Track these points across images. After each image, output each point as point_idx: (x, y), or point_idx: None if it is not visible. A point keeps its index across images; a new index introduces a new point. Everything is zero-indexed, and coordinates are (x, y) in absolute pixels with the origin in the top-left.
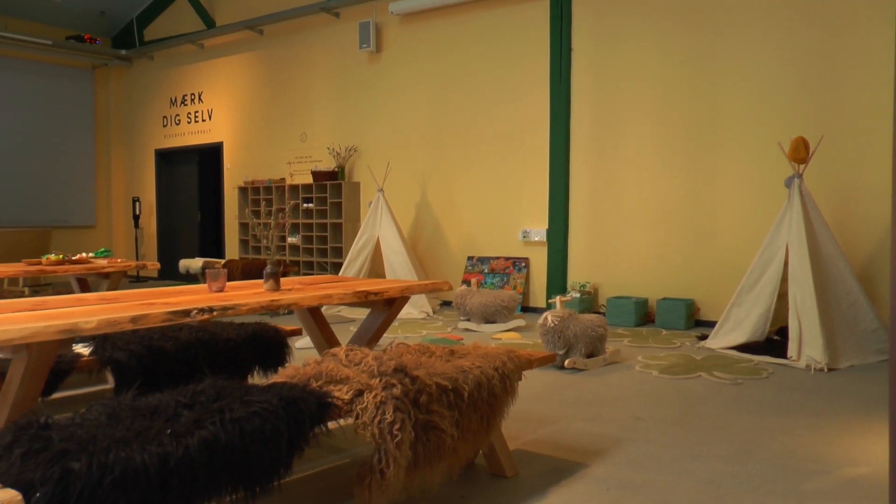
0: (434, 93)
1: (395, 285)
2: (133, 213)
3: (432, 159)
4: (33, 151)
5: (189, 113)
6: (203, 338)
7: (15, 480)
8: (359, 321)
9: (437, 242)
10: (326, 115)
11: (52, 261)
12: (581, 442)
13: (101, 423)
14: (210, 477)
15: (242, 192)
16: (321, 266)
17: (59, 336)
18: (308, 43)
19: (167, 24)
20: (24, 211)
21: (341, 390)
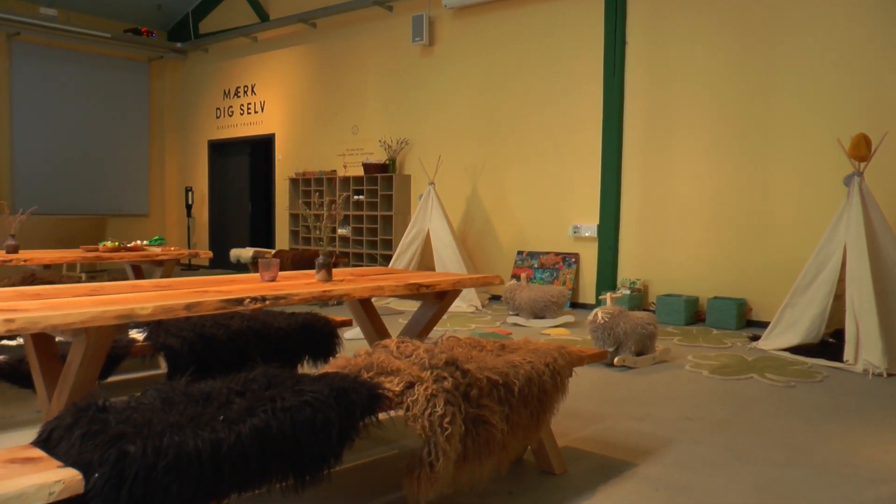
0: (486, 86)
1: (447, 278)
2: (185, 202)
3: (483, 153)
4: (91, 142)
5: (242, 105)
6: (254, 326)
7: (75, 460)
8: (408, 313)
9: (486, 236)
10: (378, 108)
11: (109, 248)
12: (630, 441)
13: (156, 407)
14: (261, 464)
15: (293, 183)
16: (371, 258)
17: (116, 321)
18: (361, 36)
19: (222, 18)
20: (82, 199)
21: (392, 382)
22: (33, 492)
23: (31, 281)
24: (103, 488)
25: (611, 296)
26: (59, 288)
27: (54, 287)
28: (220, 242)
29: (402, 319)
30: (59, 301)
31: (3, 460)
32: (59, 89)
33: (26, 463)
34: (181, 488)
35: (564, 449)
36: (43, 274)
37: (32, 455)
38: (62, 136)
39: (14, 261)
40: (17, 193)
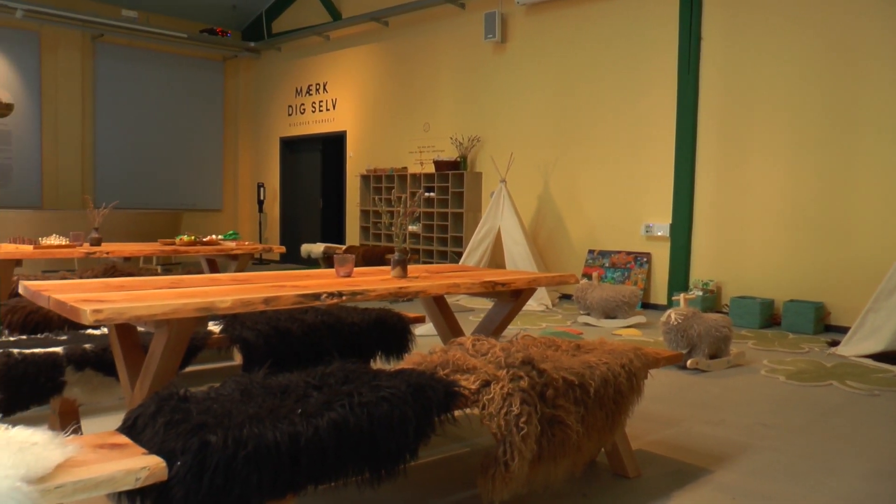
0: (559, 83)
1: (522, 277)
2: (257, 198)
3: (555, 151)
4: (167, 139)
5: (314, 102)
6: (328, 321)
7: (159, 448)
8: (478, 311)
9: (557, 235)
10: (450, 106)
11: (185, 242)
12: (705, 446)
13: (235, 399)
14: (338, 458)
15: (364, 180)
16: (441, 255)
17: (196, 314)
18: (433, 34)
19: (295, 17)
20: (158, 194)
21: (468, 380)
22: (121, 477)
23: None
24: (186, 476)
25: (684, 297)
26: (142, 280)
27: (137, 279)
28: (291, 238)
29: (472, 317)
30: (142, 293)
31: (92, 445)
32: (138, 88)
33: (113, 449)
34: (260, 479)
35: (637, 452)
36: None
37: (119, 441)
38: (141, 134)
39: (97, 253)
40: (98, 188)
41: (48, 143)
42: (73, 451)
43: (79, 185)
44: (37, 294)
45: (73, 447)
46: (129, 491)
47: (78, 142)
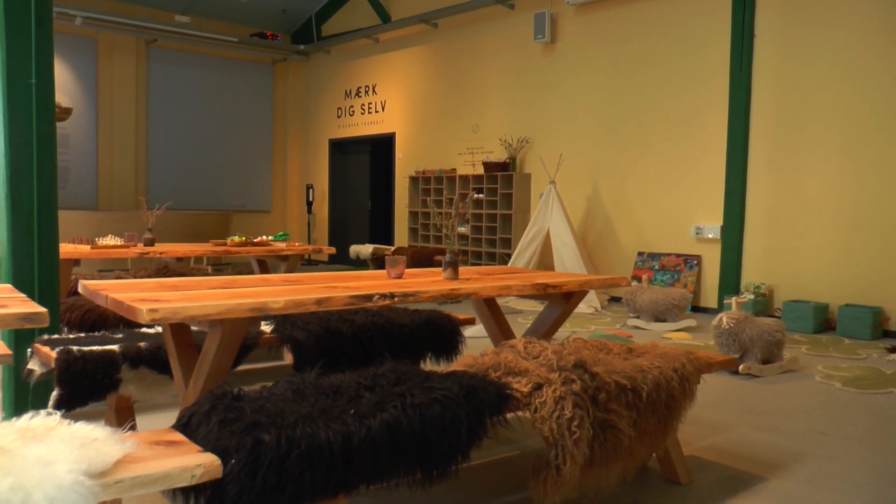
0: (609, 83)
1: (574, 279)
2: (306, 199)
3: (605, 151)
4: (217, 141)
5: (363, 104)
6: (378, 322)
7: (214, 446)
8: (527, 312)
9: (606, 236)
10: (499, 107)
11: (236, 242)
12: (758, 453)
13: (287, 398)
14: (390, 458)
15: (413, 181)
16: (489, 256)
17: (249, 314)
18: (482, 35)
19: (344, 20)
20: (208, 196)
21: (520, 382)
22: (177, 473)
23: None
24: (240, 474)
25: (736, 300)
26: (195, 280)
27: (191, 279)
28: (340, 239)
29: (521, 319)
30: (196, 293)
31: (148, 442)
32: (189, 92)
33: (169, 446)
34: (313, 478)
35: (689, 458)
36: (175, 266)
37: (174, 438)
38: (191, 136)
39: (151, 253)
40: (150, 190)
41: (103, 146)
42: (132, 447)
43: (132, 186)
44: (95, 293)
45: (131, 443)
46: (185, 487)
47: (131, 144)
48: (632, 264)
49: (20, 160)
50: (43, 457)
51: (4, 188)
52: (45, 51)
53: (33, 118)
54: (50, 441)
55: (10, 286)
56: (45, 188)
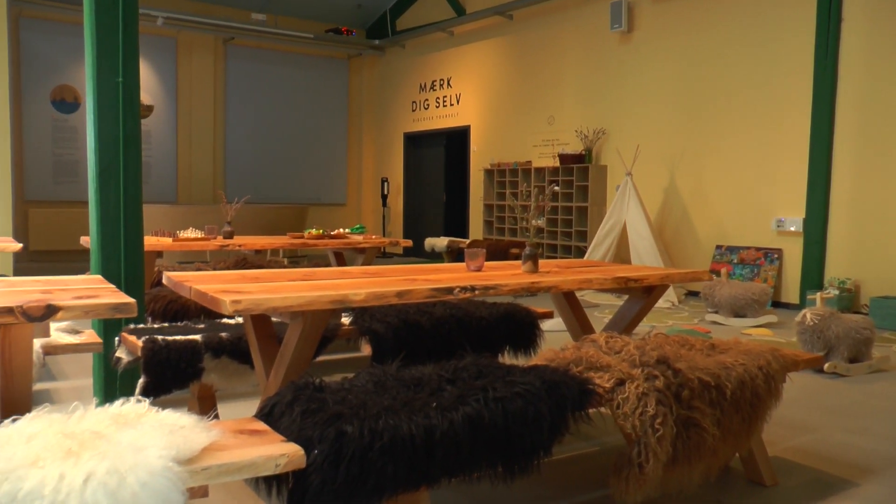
0: (687, 72)
1: (655, 273)
2: (381, 192)
3: (682, 142)
4: (294, 136)
5: (437, 98)
6: (457, 315)
7: (297, 436)
8: (603, 306)
9: (684, 229)
10: (575, 98)
11: (313, 235)
12: (847, 456)
13: (369, 390)
14: (472, 452)
15: (488, 174)
16: (565, 249)
17: (330, 306)
18: (558, 26)
19: (419, 14)
20: (285, 189)
21: (602, 378)
22: (261, 462)
23: (244, 264)
24: (323, 464)
25: (821, 296)
26: (275, 272)
27: (271, 271)
28: (414, 231)
29: (597, 312)
30: (277, 285)
31: (233, 430)
32: (265, 88)
33: (253, 435)
34: (395, 470)
35: (774, 459)
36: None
37: (257, 428)
38: (268, 131)
39: (230, 245)
40: (227, 184)
41: (183, 142)
42: (217, 435)
43: (210, 181)
44: (179, 285)
45: (216, 431)
46: (267, 476)
47: (209, 140)
48: (709, 258)
49: (108, 156)
50: (135, 442)
51: (94, 183)
52: (132, 51)
53: (120, 116)
54: (141, 427)
55: (100, 277)
56: (131, 183)
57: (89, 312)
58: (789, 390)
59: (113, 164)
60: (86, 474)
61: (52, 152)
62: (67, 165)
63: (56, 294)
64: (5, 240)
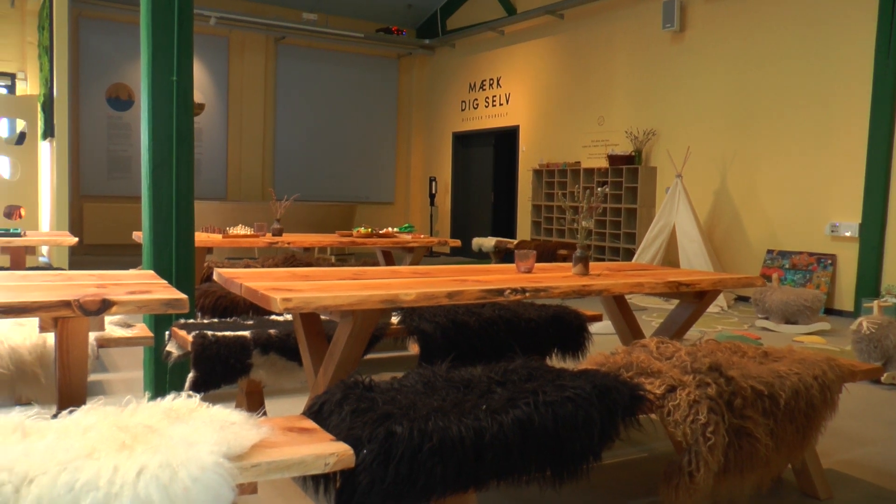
0: (740, 73)
1: (707, 277)
2: (429, 191)
3: (734, 144)
4: (343, 134)
5: (487, 97)
6: (505, 316)
7: (346, 435)
8: (651, 310)
9: (734, 233)
10: (625, 98)
11: (362, 233)
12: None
13: (418, 390)
14: (521, 456)
15: (537, 174)
16: (613, 251)
17: (381, 305)
18: (609, 25)
19: (469, 13)
20: (332, 187)
21: (653, 384)
22: (311, 461)
23: (292, 261)
24: (372, 464)
25: (878, 303)
26: (325, 271)
27: (321, 270)
28: (461, 231)
29: (645, 316)
30: (328, 283)
31: (282, 427)
32: (315, 87)
33: (302, 433)
34: (444, 471)
35: (828, 471)
36: (301, 256)
37: (306, 426)
38: (317, 130)
39: (279, 243)
40: (276, 182)
41: (233, 140)
42: (267, 432)
43: (259, 178)
44: (230, 281)
45: (266, 429)
46: (315, 475)
47: (259, 138)
48: (760, 262)
49: (161, 153)
50: (187, 437)
51: (147, 179)
52: (186, 50)
53: (174, 113)
54: (192, 422)
55: (152, 272)
56: (183, 180)
57: (143, 307)
58: (845, 401)
59: (166, 160)
60: (139, 467)
61: (106, 148)
62: (121, 161)
63: (111, 288)
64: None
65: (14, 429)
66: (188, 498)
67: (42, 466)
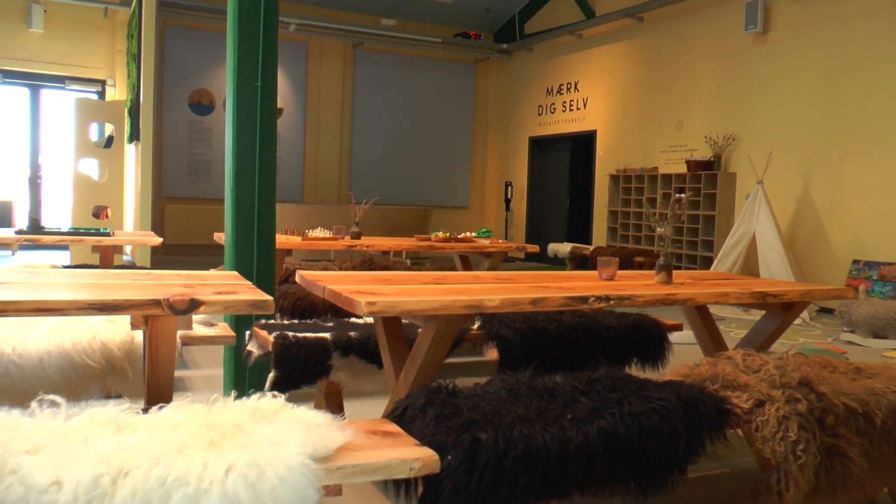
0: (826, 75)
1: (795, 288)
2: (505, 196)
3: (818, 150)
4: (419, 139)
5: (564, 102)
6: (585, 323)
7: (430, 440)
8: (729, 320)
9: (817, 241)
10: (705, 102)
11: (440, 238)
12: None
13: (502, 397)
14: (606, 467)
15: (613, 179)
16: (690, 259)
17: (465, 311)
18: (689, 27)
19: (547, 17)
20: (408, 191)
21: (740, 398)
22: (396, 465)
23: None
24: (456, 471)
25: None
26: (407, 275)
27: (403, 273)
28: (537, 236)
29: (723, 326)
30: (410, 288)
31: (365, 431)
32: (392, 91)
33: (386, 436)
34: (528, 480)
35: None
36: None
37: (390, 429)
38: (393, 134)
39: (358, 246)
40: (353, 185)
41: (310, 144)
42: (351, 435)
43: (335, 181)
44: (313, 284)
45: (350, 431)
46: (399, 480)
47: (336, 142)
48: (845, 273)
49: (244, 157)
50: (274, 437)
51: (230, 182)
52: (270, 56)
53: (258, 118)
54: (278, 422)
55: (236, 273)
56: (266, 183)
57: (229, 308)
58: None
59: (249, 164)
60: (227, 465)
61: (187, 152)
62: (201, 164)
63: (197, 288)
64: (148, 234)
65: (109, 422)
66: (275, 497)
67: (136, 460)
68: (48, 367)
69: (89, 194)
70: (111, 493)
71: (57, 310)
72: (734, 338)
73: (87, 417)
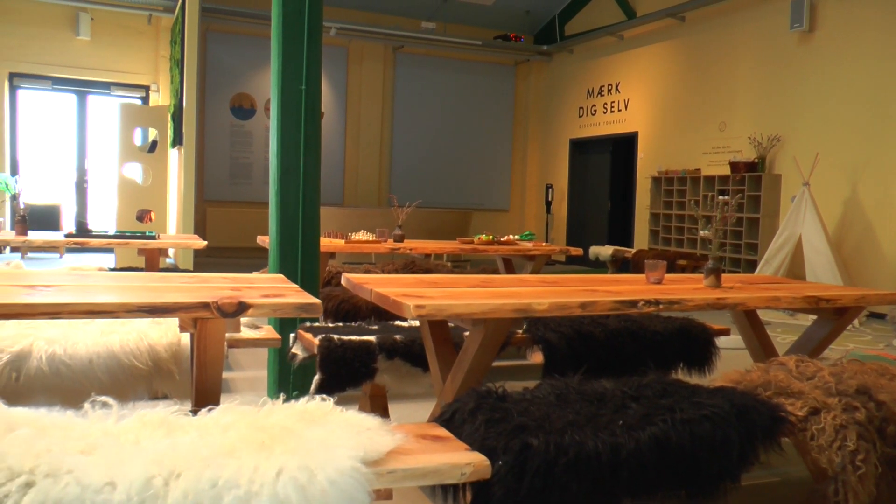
0: (875, 75)
1: (849, 293)
2: (545, 198)
3: (867, 151)
4: (459, 141)
5: (605, 103)
6: (631, 328)
7: (480, 445)
8: (775, 324)
9: (866, 245)
10: (748, 103)
11: (483, 241)
12: None
13: (551, 402)
14: (658, 474)
15: (655, 182)
16: (733, 262)
17: (513, 315)
18: (732, 26)
19: (588, 18)
20: (447, 194)
21: (794, 405)
22: (447, 470)
23: (412, 268)
24: (507, 476)
25: None
26: (453, 278)
27: (449, 277)
28: (577, 239)
29: (769, 330)
30: (457, 291)
31: (415, 435)
32: (432, 94)
33: (436, 441)
34: (579, 487)
35: None
36: (420, 262)
37: (439, 434)
38: (433, 136)
39: (401, 249)
40: (393, 188)
41: (350, 147)
42: (401, 439)
43: (375, 184)
44: (359, 286)
45: (400, 435)
46: (448, 485)
47: (376, 145)
48: (895, 277)
49: (289, 160)
50: (324, 440)
51: (275, 185)
52: (315, 59)
53: (302, 121)
54: (328, 425)
55: (282, 276)
56: (310, 186)
57: (277, 311)
58: None
59: (293, 167)
60: (278, 468)
61: (229, 155)
62: (242, 168)
63: (245, 291)
64: (192, 237)
65: (160, 424)
66: (325, 501)
67: (187, 462)
68: (97, 367)
69: (133, 198)
70: (163, 495)
71: (108, 312)
72: (781, 342)
73: (138, 419)
